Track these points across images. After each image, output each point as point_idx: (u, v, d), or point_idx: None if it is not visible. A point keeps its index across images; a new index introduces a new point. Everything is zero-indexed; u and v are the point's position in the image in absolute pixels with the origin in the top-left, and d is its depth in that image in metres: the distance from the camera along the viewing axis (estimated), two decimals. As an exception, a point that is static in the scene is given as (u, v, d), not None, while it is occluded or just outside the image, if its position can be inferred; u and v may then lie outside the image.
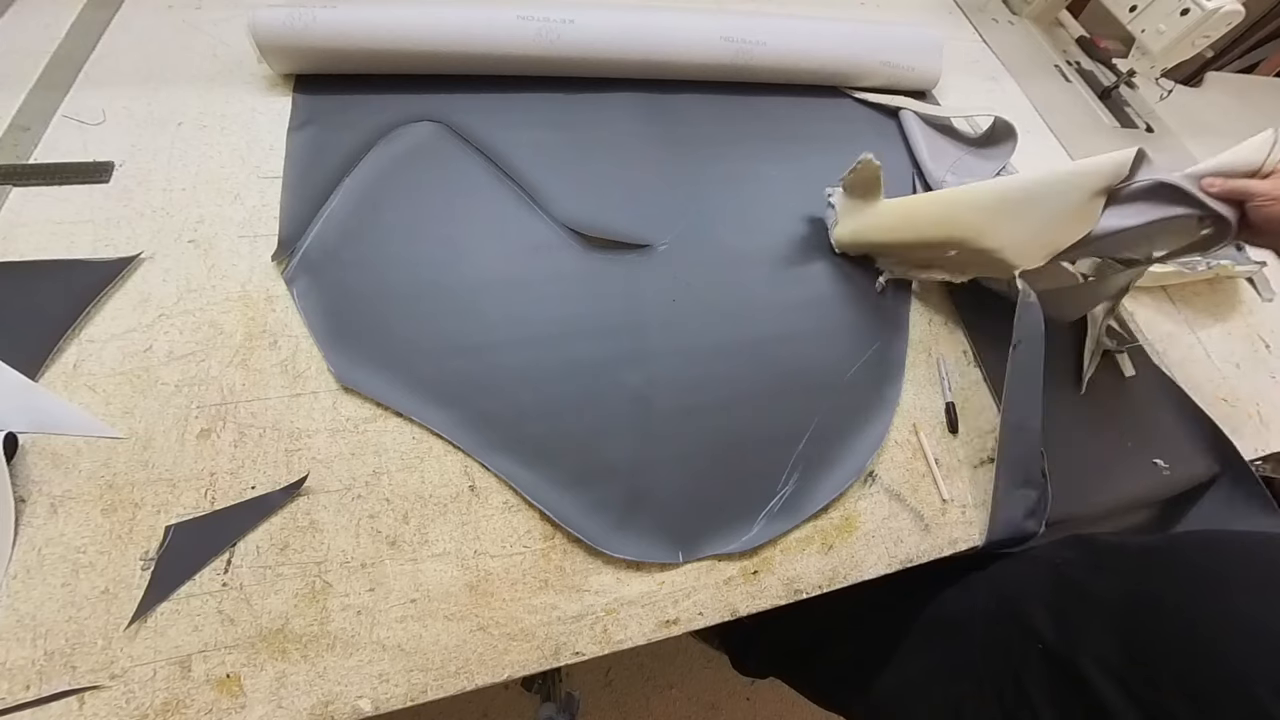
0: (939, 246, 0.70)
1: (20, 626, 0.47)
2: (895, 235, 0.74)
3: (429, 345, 0.63)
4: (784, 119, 0.92)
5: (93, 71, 0.75)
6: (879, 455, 0.68)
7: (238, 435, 0.56)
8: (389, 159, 0.74)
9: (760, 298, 0.75)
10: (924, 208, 0.73)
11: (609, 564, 0.57)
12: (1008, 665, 0.56)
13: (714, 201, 0.81)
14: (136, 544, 0.50)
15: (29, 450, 0.52)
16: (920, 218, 0.72)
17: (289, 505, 0.54)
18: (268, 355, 0.60)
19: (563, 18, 0.80)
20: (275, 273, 0.65)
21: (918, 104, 0.97)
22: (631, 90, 0.88)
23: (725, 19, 0.89)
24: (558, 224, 0.74)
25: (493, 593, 0.54)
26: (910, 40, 0.98)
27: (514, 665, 0.52)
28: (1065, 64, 1.20)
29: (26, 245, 0.61)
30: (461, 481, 0.58)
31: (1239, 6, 0.94)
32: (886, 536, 0.64)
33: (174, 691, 0.46)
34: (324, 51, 0.75)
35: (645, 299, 0.71)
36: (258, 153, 0.72)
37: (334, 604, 0.51)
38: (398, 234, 0.69)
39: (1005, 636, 0.59)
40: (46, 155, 0.67)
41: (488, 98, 0.82)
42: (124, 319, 0.59)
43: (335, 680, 0.49)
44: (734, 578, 0.59)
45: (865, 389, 0.71)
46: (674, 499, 0.61)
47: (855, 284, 0.79)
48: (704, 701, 1.23)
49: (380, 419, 0.59)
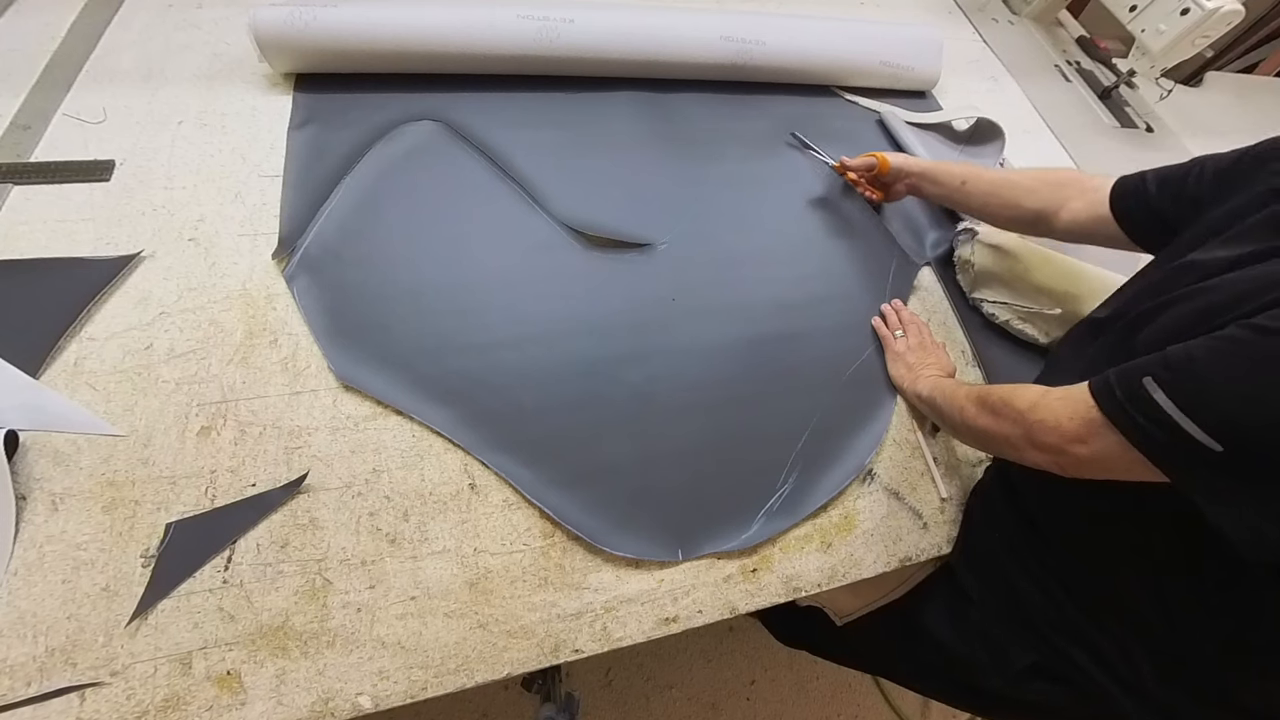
0: (1054, 299, 0.75)
1: (21, 623, 0.47)
2: (1027, 274, 0.77)
3: (429, 343, 0.63)
4: (784, 119, 0.92)
5: (93, 70, 0.75)
6: (878, 454, 0.68)
7: (238, 433, 0.56)
8: (389, 158, 0.74)
9: (760, 297, 0.75)
10: (1059, 264, 0.78)
11: (608, 562, 0.57)
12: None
13: (714, 201, 0.81)
14: (137, 541, 0.50)
15: (30, 448, 0.52)
16: (1052, 270, 0.77)
17: (289, 503, 0.54)
18: (268, 353, 0.60)
19: (563, 17, 0.80)
20: (276, 271, 0.65)
21: (902, 111, 0.97)
22: (632, 90, 0.88)
23: (725, 19, 0.89)
24: (558, 223, 0.74)
25: (492, 590, 0.54)
26: (910, 40, 0.98)
27: (514, 662, 0.52)
28: (1065, 64, 1.20)
29: (27, 243, 0.61)
30: (461, 479, 0.58)
31: (1239, 6, 0.94)
32: (886, 535, 0.64)
33: (174, 688, 0.47)
34: (324, 50, 0.75)
35: (645, 298, 0.71)
36: (258, 151, 0.72)
37: (334, 601, 0.51)
38: (398, 233, 0.69)
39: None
40: (47, 154, 0.67)
41: (488, 97, 0.82)
42: (125, 317, 0.59)
43: (335, 677, 0.49)
44: (733, 575, 0.59)
45: (865, 388, 0.71)
46: (673, 497, 0.61)
47: (855, 283, 0.79)
48: (704, 701, 1.23)
49: (380, 417, 0.59)
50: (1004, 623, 0.60)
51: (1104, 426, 0.42)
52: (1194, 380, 0.38)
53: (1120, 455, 0.42)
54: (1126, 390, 0.41)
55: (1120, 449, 0.41)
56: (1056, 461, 0.47)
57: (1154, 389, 0.39)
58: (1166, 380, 0.39)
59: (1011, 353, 0.78)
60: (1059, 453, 0.46)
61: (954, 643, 0.63)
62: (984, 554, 0.62)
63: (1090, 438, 0.43)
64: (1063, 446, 0.45)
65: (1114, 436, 0.42)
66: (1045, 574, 0.57)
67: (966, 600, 0.62)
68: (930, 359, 0.71)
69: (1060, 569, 0.56)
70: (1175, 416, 0.38)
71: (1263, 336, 0.36)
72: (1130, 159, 0.96)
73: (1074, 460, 0.46)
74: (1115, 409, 0.41)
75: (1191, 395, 0.38)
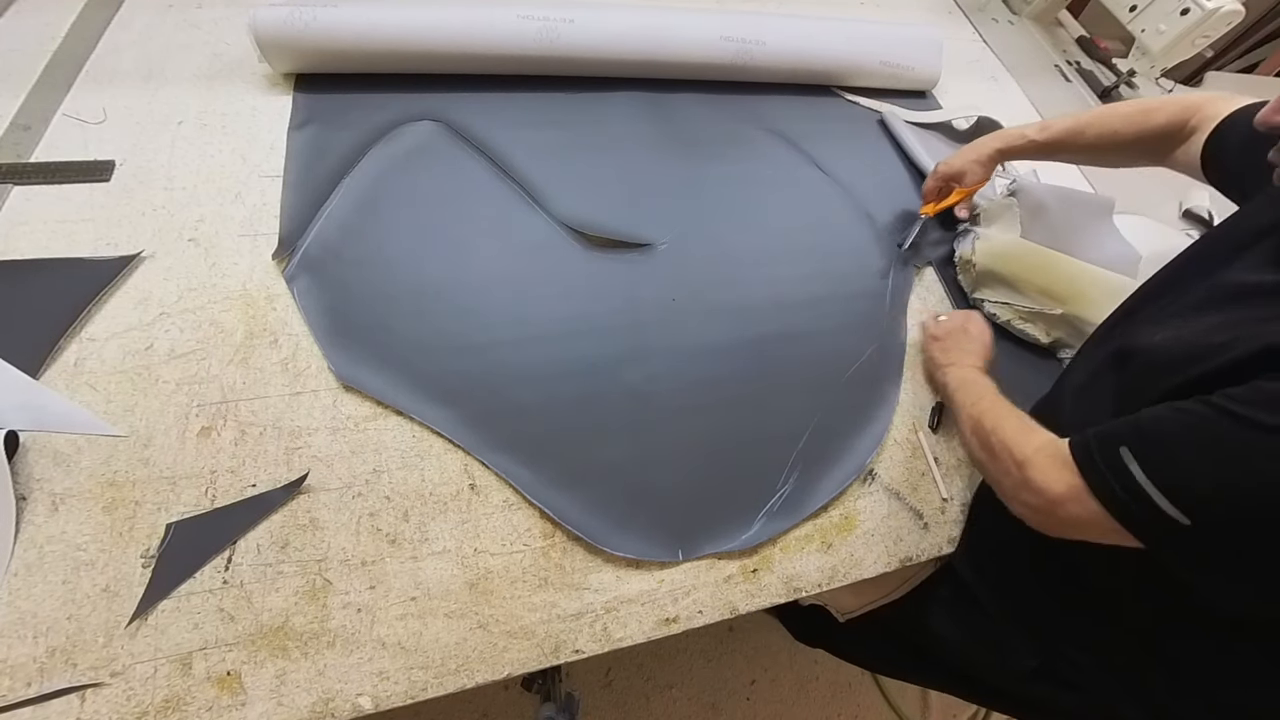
0: (1056, 299, 0.75)
1: (21, 624, 0.47)
2: (1029, 274, 0.77)
3: (429, 343, 0.63)
4: (784, 118, 0.92)
5: (93, 70, 0.75)
6: (879, 454, 0.68)
7: (238, 433, 0.56)
8: (389, 158, 0.74)
9: (760, 297, 0.75)
10: (1062, 265, 0.77)
11: (609, 562, 0.57)
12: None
13: (714, 201, 0.81)
14: (137, 542, 0.50)
15: (30, 448, 0.52)
16: (1055, 271, 0.77)
17: (289, 503, 0.54)
18: (268, 353, 0.60)
19: (563, 17, 0.80)
20: (276, 271, 0.65)
21: (902, 111, 0.97)
22: (632, 90, 0.88)
23: (725, 19, 0.89)
24: (558, 223, 0.74)
25: (493, 590, 0.54)
26: (910, 40, 0.98)
27: (514, 663, 0.52)
28: (1065, 64, 1.20)
29: (27, 244, 0.61)
30: (462, 479, 0.58)
31: (1239, 6, 0.94)
32: (886, 535, 0.64)
33: (174, 689, 0.47)
34: (325, 50, 0.75)
35: (645, 298, 0.71)
36: (258, 151, 0.72)
37: (334, 602, 0.51)
38: (398, 233, 0.69)
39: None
40: (47, 154, 0.67)
41: (488, 97, 0.82)
42: (125, 317, 0.59)
43: (335, 678, 0.49)
44: (734, 576, 0.59)
45: (865, 388, 0.71)
46: (674, 497, 0.61)
47: (855, 283, 0.79)
48: (704, 701, 1.23)
49: (380, 417, 0.59)
50: (1010, 626, 0.60)
51: (1087, 494, 0.43)
52: (1165, 455, 0.40)
53: (1100, 522, 0.43)
54: (1106, 459, 0.42)
55: (1101, 517, 0.42)
56: (1039, 520, 0.48)
57: (1129, 460, 0.41)
58: (1140, 453, 0.40)
59: (1013, 353, 0.78)
60: (1046, 514, 0.47)
61: (961, 643, 0.63)
62: (990, 558, 0.62)
63: (1073, 503, 0.44)
64: (1050, 509, 0.46)
65: (1096, 505, 0.43)
66: (1052, 578, 0.57)
67: (973, 603, 0.62)
68: (967, 345, 0.69)
69: (1067, 573, 0.56)
70: (1149, 490, 0.39)
71: (1230, 420, 0.37)
72: (1130, 159, 0.96)
73: (1058, 521, 0.47)
74: (1098, 480, 0.43)
75: (1163, 471, 0.39)
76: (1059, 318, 0.75)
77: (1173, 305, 0.50)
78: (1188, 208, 0.99)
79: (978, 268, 0.79)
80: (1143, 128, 0.64)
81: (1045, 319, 0.77)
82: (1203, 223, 0.98)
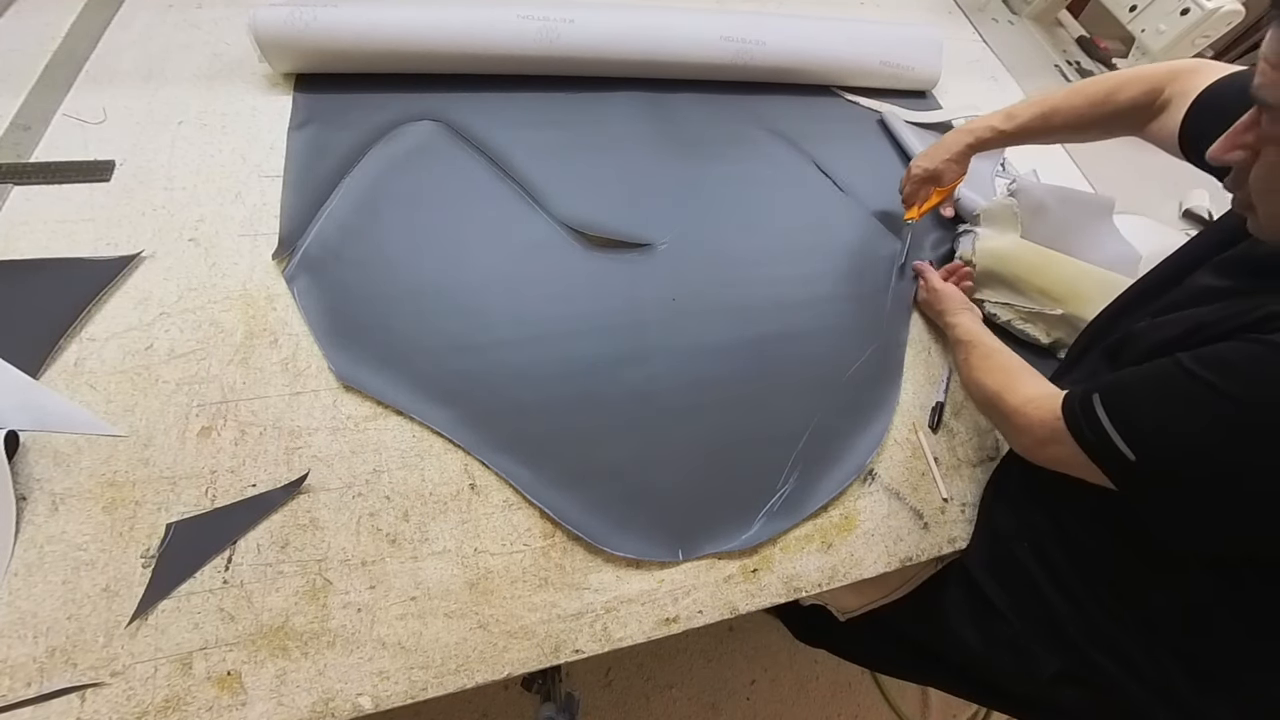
0: (1056, 299, 0.76)
1: (22, 624, 0.47)
2: (1029, 275, 0.77)
3: (429, 343, 0.63)
4: (784, 119, 0.92)
5: (93, 70, 0.75)
6: (879, 454, 0.68)
7: (238, 433, 0.56)
8: (389, 158, 0.74)
9: (760, 297, 0.75)
10: (1062, 265, 0.78)
11: (609, 562, 0.57)
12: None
13: (714, 201, 0.81)
14: (137, 541, 0.50)
15: (30, 448, 0.52)
16: (1055, 271, 0.78)
17: (289, 503, 0.54)
18: (268, 353, 0.60)
19: (563, 17, 0.80)
20: (276, 271, 0.65)
21: (902, 110, 0.97)
22: (632, 90, 0.88)
23: (725, 19, 0.89)
24: (558, 223, 0.74)
25: (493, 590, 0.54)
26: (910, 40, 0.98)
27: (514, 663, 0.52)
28: (1065, 64, 1.20)
29: (27, 244, 0.61)
30: (462, 479, 0.58)
31: (1239, 6, 0.94)
32: (886, 535, 0.64)
33: (175, 689, 0.47)
34: (325, 50, 0.75)
35: (645, 298, 0.71)
36: (258, 151, 0.72)
37: (334, 601, 0.51)
38: (398, 233, 0.69)
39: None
40: (47, 154, 0.67)
41: (488, 97, 0.82)
42: (125, 317, 0.59)
43: (335, 677, 0.49)
44: (734, 576, 0.59)
45: (865, 388, 0.71)
46: (674, 497, 0.61)
47: (855, 283, 0.79)
48: (704, 701, 1.23)
49: (381, 417, 0.59)
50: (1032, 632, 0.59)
51: (1065, 434, 0.50)
52: (1124, 398, 0.47)
53: (1074, 458, 0.49)
54: (1083, 405, 0.49)
55: (1075, 454, 0.49)
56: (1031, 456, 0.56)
57: (1098, 405, 0.47)
58: (1108, 400, 0.47)
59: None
60: (1030, 452, 0.56)
61: (979, 649, 0.63)
62: (1010, 563, 0.62)
63: (1054, 443, 0.51)
64: (1033, 449, 0.55)
65: (1071, 443, 0.49)
66: (1074, 582, 0.57)
67: (991, 609, 0.61)
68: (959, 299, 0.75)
69: (1089, 577, 0.56)
70: (1107, 427, 0.46)
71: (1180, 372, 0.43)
72: (1130, 159, 0.96)
73: (1046, 458, 0.54)
74: (1073, 421, 0.49)
75: (1119, 411, 0.46)
76: (1059, 318, 0.75)
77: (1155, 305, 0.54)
78: (1188, 208, 0.99)
79: (978, 268, 0.79)
80: (1110, 108, 0.65)
81: (1045, 319, 0.77)
82: (1203, 223, 0.98)
